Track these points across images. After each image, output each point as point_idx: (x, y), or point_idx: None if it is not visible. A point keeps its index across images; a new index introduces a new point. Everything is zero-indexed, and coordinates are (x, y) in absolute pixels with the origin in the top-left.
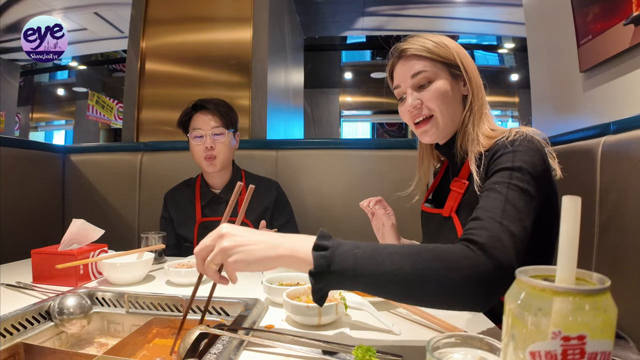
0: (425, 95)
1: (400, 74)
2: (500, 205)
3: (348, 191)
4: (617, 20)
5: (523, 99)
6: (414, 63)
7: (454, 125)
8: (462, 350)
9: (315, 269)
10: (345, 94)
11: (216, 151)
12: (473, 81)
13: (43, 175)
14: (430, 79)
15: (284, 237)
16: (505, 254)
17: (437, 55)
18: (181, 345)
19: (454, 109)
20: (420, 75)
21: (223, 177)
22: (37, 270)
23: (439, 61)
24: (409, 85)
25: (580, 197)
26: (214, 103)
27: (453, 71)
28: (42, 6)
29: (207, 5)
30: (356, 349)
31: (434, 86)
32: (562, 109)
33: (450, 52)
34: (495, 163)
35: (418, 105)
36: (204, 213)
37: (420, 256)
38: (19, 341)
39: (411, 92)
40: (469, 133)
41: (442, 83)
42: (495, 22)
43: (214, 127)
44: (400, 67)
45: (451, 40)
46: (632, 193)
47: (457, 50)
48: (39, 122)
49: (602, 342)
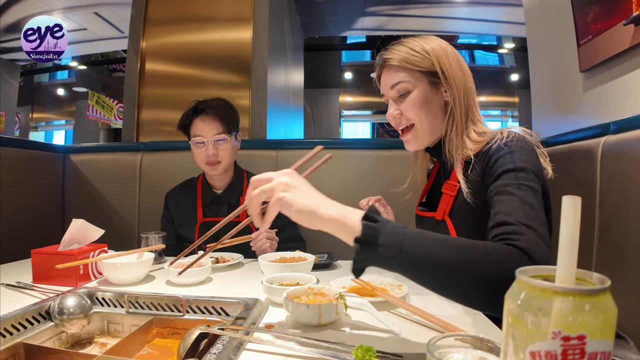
0: (403, 105)
1: (383, 84)
2: (520, 207)
3: (348, 191)
4: (617, 20)
5: (523, 99)
6: (393, 74)
7: (436, 132)
8: (462, 350)
9: (362, 237)
10: (345, 94)
11: (219, 157)
12: (454, 87)
13: (43, 175)
14: (408, 90)
15: (336, 203)
16: (544, 254)
17: (415, 65)
18: (181, 345)
19: (433, 117)
20: (398, 85)
21: (225, 178)
22: (37, 270)
23: (417, 70)
24: (390, 96)
25: (580, 197)
26: (214, 108)
27: (432, 79)
28: (42, 6)
29: (207, 5)
30: (356, 349)
31: (411, 97)
32: (562, 109)
33: (429, 60)
34: (496, 166)
35: (397, 116)
36: (205, 213)
37: (471, 251)
38: (19, 341)
39: (392, 103)
40: (452, 140)
41: (419, 93)
42: (495, 22)
43: (216, 134)
44: (383, 77)
45: (437, 44)
46: (632, 193)
47: (439, 56)
48: (39, 122)
49: (602, 342)
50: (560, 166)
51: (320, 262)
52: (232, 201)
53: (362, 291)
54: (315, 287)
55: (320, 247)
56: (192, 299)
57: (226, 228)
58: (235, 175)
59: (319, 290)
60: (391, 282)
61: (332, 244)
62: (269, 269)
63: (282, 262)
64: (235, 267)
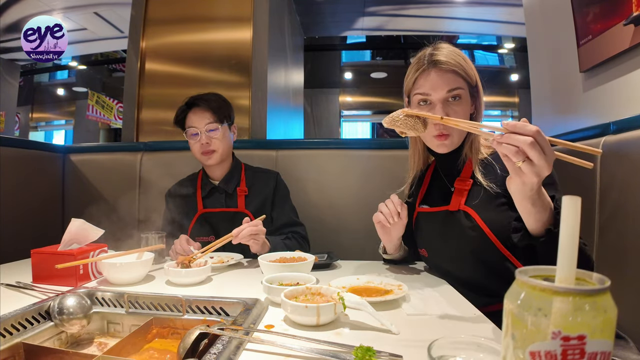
0: (454, 110)
1: (434, 84)
2: None
3: (348, 191)
4: (617, 20)
5: (523, 99)
6: (451, 77)
7: (462, 136)
8: (463, 353)
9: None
10: (345, 94)
11: (213, 145)
12: (482, 100)
13: (43, 175)
14: (461, 96)
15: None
16: None
17: (467, 74)
18: (181, 345)
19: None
20: (455, 91)
21: (222, 169)
22: (37, 270)
23: (466, 80)
24: (441, 97)
25: (580, 197)
26: (205, 99)
27: (472, 91)
28: (42, 6)
29: (207, 5)
30: (356, 349)
31: (462, 106)
32: (562, 109)
33: (474, 72)
34: None
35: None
36: (205, 204)
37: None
38: (19, 341)
39: (443, 106)
40: (475, 147)
41: (467, 103)
42: (495, 22)
43: (208, 124)
44: (435, 77)
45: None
46: (632, 193)
47: (476, 71)
48: (39, 122)
49: (602, 342)
50: (560, 166)
51: (320, 262)
52: (229, 191)
53: (361, 291)
54: (313, 287)
55: (320, 247)
56: (192, 299)
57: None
58: (232, 166)
59: (317, 290)
60: (391, 282)
61: (332, 244)
62: (268, 269)
63: (282, 262)
64: (235, 267)
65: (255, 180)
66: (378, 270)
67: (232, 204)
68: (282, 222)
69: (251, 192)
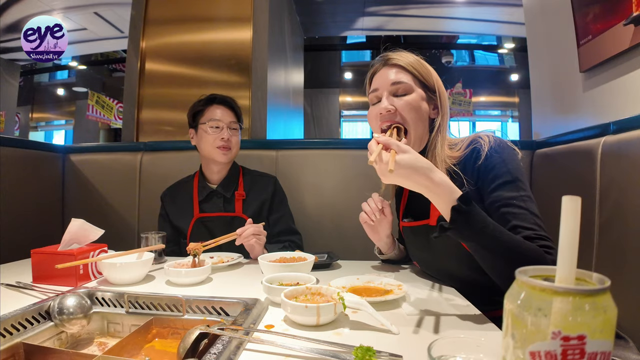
0: (399, 103)
1: (381, 79)
2: (532, 219)
3: (348, 191)
4: (617, 20)
5: (523, 99)
6: (397, 72)
7: (419, 141)
8: (463, 353)
9: (458, 207)
10: (345, 94)
11: (232, 143)
12: (444, 107)
13: (43, 175)
14: (407, 92)
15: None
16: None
17: (419, 73)
18: (181, 345)
19: (422, 126)
20: (400, 85)
21: (222, 172)
22: (37, 270)
23: (419, 79)
24: (387, 90)
25: (580, 197)
26: (230, 100)
27: (428, 93)
28: (42, 6)
29: (207, 5)
30: (356, 349)
31: (410, 97)
32: (562, 109)
33: (431, 77)
34: (493, 174)
35: (392, 110)
36: (202, 208)
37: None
38: (19, 341)
39: (387, 96)
40: (438, 154)
41: (417, 97)
42: (495, 22)
43: (232, 122)
44: (382, 73)
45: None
46: (632, 193)
47: (436, 77)
48: (39, 122)
49: (602, 342)
50: (560, 166)
51: (320, 262)
52: (227, 195)
53: (361, 291)
54: (313, 287)
55: (320, 246)
56: (192, 299)
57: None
58: (231, 170)
59: (317, 290)
60: (391, 282)
61: (332, 244)
62: (268, 269)
63: (282, 262)
64: (235, 267)
65: (253, 184)
66: (378, 270)
67: (230, 208)
68: (279, 228)
69: (249, 196)
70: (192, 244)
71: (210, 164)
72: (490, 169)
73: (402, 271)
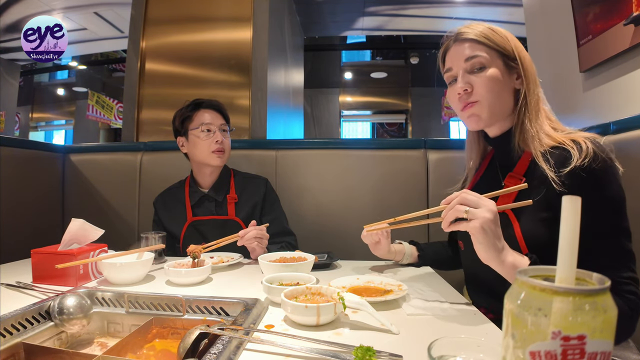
0: (476, 80)
1: (453, 56)
2: (623, 256)
3: (348, 191)
4: (617, 20)
5: None
6: (469, 46)
7: (504, 117)
8: (463, 353)
9: None
10: (345, 94)
11: (225, 145)
12: (529, 75)
13: (43, 175)
14: (483, 65)
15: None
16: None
17: (494, 43)
18: (181, 345)
19: (503, 100)
20: (474, 59)
21: (213, 176)
22: (37, 270)
23: (495, 49)
24: (462, 68)
25: (580, 197)
26: (216, 104)
27: (508, 62)
28: (42, 6)
29: (207, 5)
30: (356, 349)
31: (487, 73)
32: (562, 109)
33: (508, 43)
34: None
35: (469, 89)
36: (195, 213)
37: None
38: (19, 341)
39: (463, 75)
40: (527, 129)
41: (495, 71)
42: (495, 22)
43: (222, 124)
44: (454, 50)
45: (510, 33)
46: (632, 193)
47: (516, 42)
48: (39, 122)
49: (602, 342)
50: None
51: (320, 262)
52: (219, 199)
53: (361, 291)
54: (313, 287)
55: (320, 247)
56: (192, 299)
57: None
58: (222, 173)
59: (317, 290)
60: (391, 282)
61: (332, 244)
62: (268, 269)
63: (282, 262)
64: (235, 267)
65: (244, 187)
66: (378, 271)
67: (222, 211)
68: (274, 230)
69: (241, 199)
70: (192, 246)
71: (203, 168)
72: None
73: (402, 271)
